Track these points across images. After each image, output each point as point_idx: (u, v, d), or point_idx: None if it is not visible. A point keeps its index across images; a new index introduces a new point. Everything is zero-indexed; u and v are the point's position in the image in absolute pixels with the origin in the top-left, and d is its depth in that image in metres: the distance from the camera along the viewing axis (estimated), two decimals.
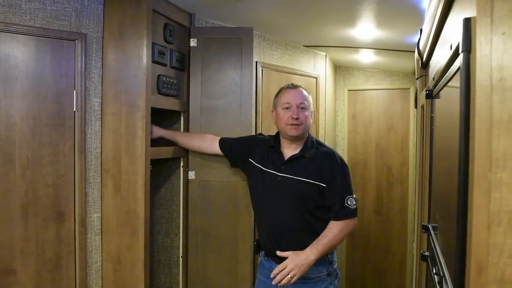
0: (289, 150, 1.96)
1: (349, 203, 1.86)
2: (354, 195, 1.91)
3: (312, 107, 2.00)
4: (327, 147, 1.99)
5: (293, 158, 1.93)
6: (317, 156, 1.91)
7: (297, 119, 1.90)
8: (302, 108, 1.93)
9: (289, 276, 1.77)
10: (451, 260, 0.97)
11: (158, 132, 2.17)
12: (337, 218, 1.86)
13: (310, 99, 2.00)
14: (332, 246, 1.86)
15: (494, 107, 0.72)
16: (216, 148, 2.17)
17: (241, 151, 2.10)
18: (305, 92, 1.98)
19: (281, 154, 1.97)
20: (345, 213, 1.86)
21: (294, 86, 1.99)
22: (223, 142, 2.17)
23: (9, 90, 1.76)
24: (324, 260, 1.89)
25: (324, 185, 1.87)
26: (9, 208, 1.78)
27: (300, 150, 1.93)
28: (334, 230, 1.85)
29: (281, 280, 1.78)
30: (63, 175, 1.92)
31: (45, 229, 1.88)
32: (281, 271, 1.79)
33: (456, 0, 1.03)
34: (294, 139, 1.94)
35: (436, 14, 1.29)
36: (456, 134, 0.86)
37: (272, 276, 1.82)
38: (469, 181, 0.78)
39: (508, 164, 0.71)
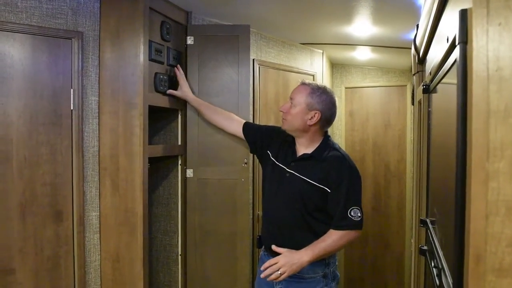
0: (302, 148, 1.91)
1: (352, 214, 1.76)
2: (360, 207, 1.79)
3: (306, 105, 1.84)
4: (340, 152, 1.88)
5: (304, 157, 1.88)
6: (328, 160, 1.84)
7: (281, 111, 1.91)
8: (292, 103, 1.88)
9: (279, 272, 1.71)
10: (449, 251, 0.97)
11: (187, 94, 2.20)
12: (337, 228, 1.79)
13: (309, 98, 1.84)
14: (330, 251, 1.80)
15: (491, 97, 0.72)
16: (238, 131, 2.14)
17: (262, 141, 2.06)
18: (303, 89, 1.87)
19: (294, 151, 1.93)
20: (345, 224, 1.77)
21: (300, 83, 1.93)
22: (247, 128, 2.14)
23: (5, 89, 1.76)
24: (320, 261, 1.83)
25: (329, 190, 1.81)
26: (7, 208, 1.78)
27: (313, 151, 1.88)
28: (334, 236, 1.78)
29: (270, 275, 1.73)
30: (60, 174, 1.91)
31: (43, 228, 1.87)
32: (271, 265, 1.74)
33: None
34: (294, 136, 1.93)
35: (432, 9, 1.29)
36: (453, 126, 0.86)
37: (262, 268, 1.76)
38: (466, 171, 0.78)
39: (505, 153, 0.72)
